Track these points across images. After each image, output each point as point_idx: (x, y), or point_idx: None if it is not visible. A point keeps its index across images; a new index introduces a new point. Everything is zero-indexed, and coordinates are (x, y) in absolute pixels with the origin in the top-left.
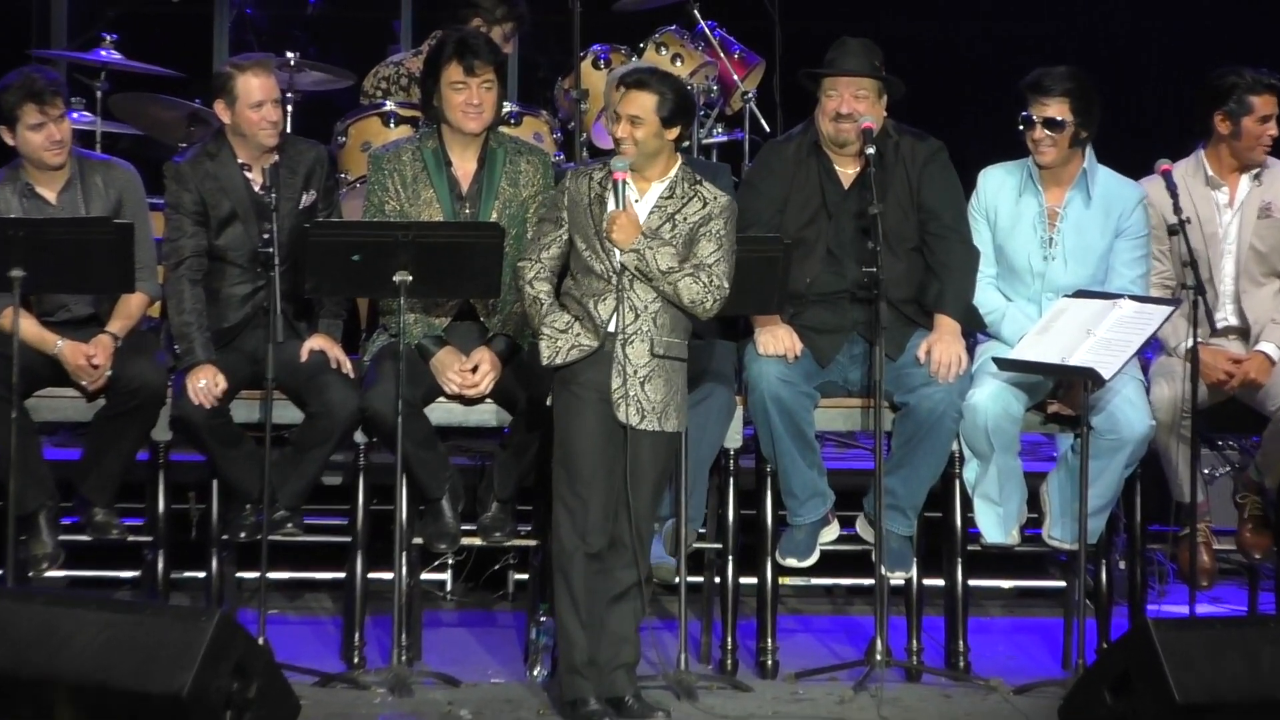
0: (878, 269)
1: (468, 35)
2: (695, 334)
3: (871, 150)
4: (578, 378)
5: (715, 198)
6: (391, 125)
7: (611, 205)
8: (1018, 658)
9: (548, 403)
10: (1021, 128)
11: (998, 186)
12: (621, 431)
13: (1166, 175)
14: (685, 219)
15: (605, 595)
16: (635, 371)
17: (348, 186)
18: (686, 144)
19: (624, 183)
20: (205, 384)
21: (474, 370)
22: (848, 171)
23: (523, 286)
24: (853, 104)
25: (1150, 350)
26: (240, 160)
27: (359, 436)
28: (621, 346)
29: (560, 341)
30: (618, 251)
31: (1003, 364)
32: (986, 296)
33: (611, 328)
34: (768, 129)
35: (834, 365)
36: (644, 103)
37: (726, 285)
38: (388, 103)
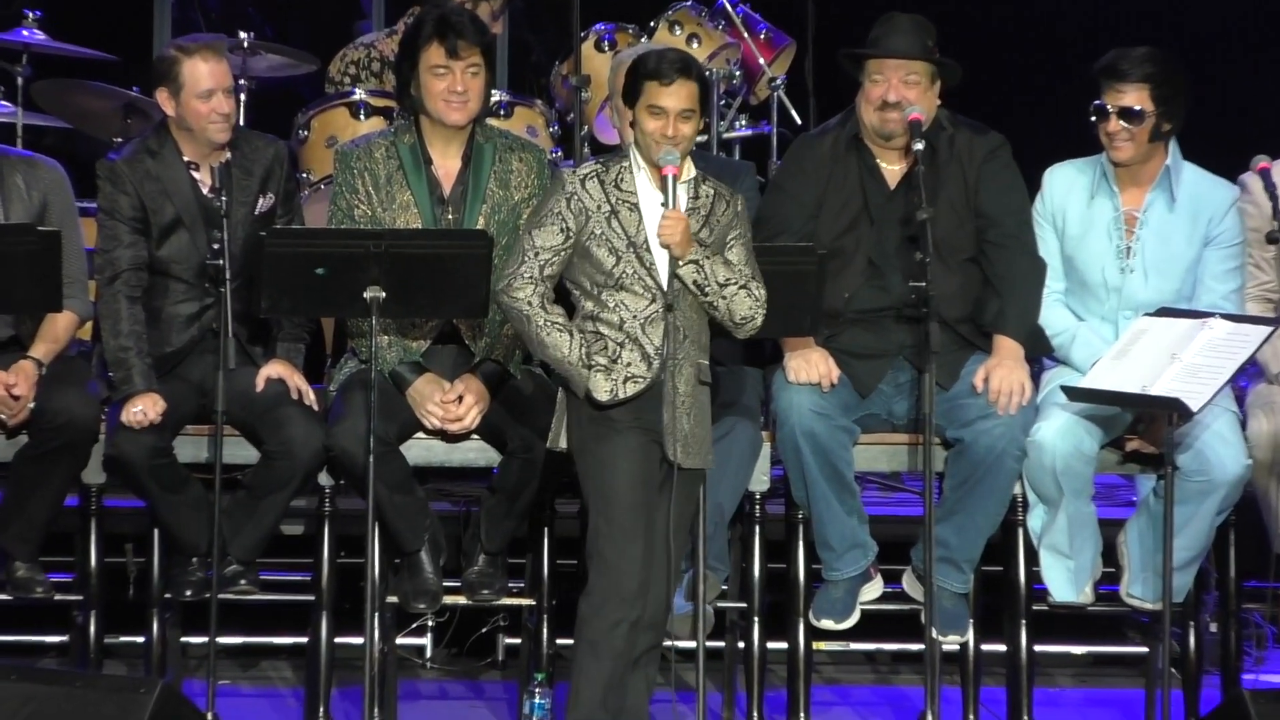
0: (927, 283)
1: (450, 12)
2: (716, 359)
3: (921, 145)
4: (620, 414)
5: (733, 195)
6: (361, 117)
7: (649, 212)
8: None
9: (560, 443)
10: (1094, 119)
11: (1067, 188)
12: (659, 473)
13: (1265, 174)
14: (718, 221)
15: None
16: (683, 402)
17: (311, 188)
18: (705, 138)
19: (675, 179)
20: (141, 410)
21: (457, 402)
22: (894, 169)
23: (530, 315)
24: (901, 91)
25: (1246, 377)
26: (186, 158)
27: (324, 479)
28: (671, 374)
29: (614, 373)
30: (664, 263)
31: (1073, 394)
32: (1054, 315)
33: (666, 353)
34: (799, 122)
35: (876, 395)
36: (694, 94)
37: (766, 298)
38: (357, 91)
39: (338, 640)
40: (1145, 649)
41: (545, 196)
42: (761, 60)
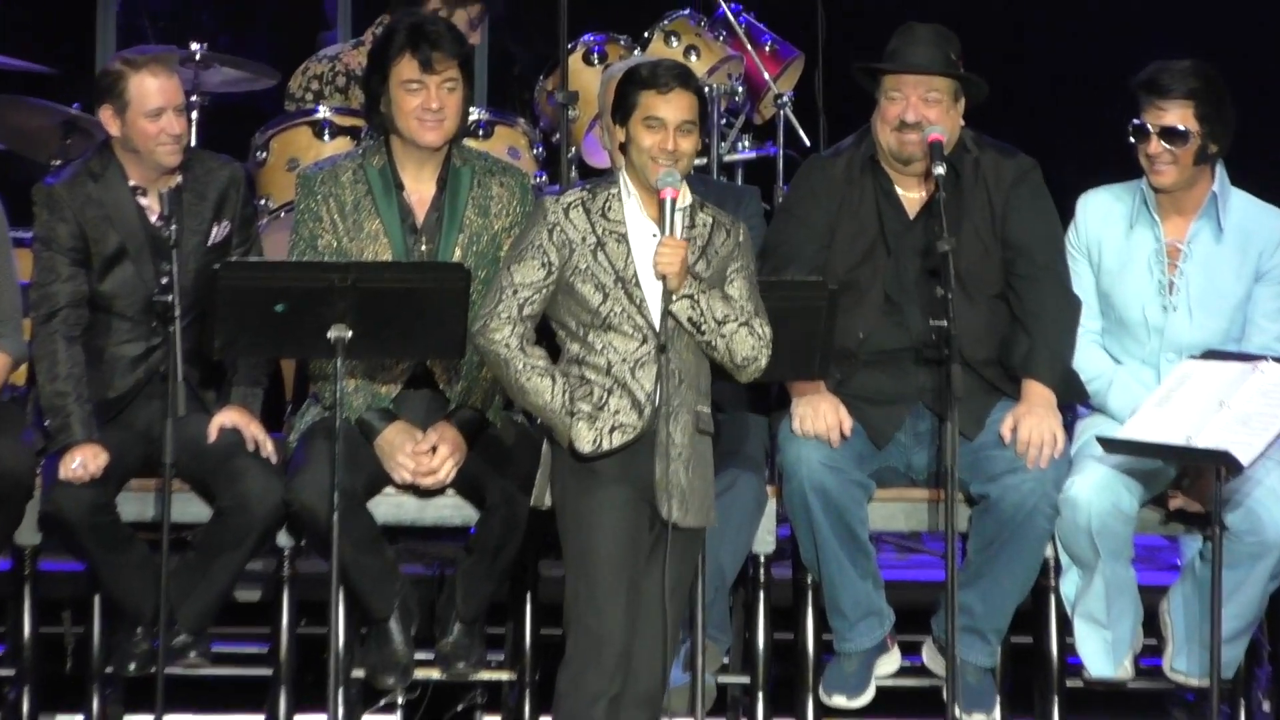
0: (949, 321)
1: (424, 21)
2: (716, 405)
3: (943, 169)
4: (604, 465)
5: (734, 223)
6: (326, 137)
7: (638, 243)
8: None
9: (545, 500)
10: (1133, 139)
11: (1103, 216)
12: (650, 532)
13: None
14: (716, 252)
15: None
16: (680, 453)
17: (270, 216)
18: (704, 161)
19: (674, 204)
20: (81, 462)
21: (431, 453)
22: (913, 196)
23: (508, 358)
24: (921, 109)
25: None
26: (132, 182)
27: (283, 538)
28: (665, 423)
29: (599, 422)
30: (656, 300)
31: (1111, 445)
32: (1090, 357)
33: (657, 399)
34: (808, 142)
35: (894, 446)
36: (695, 106)
37: (770, 337)
38: (320, 108)
39: (298, 718)
40: None
41: (526, 227)
42: (766, 75)
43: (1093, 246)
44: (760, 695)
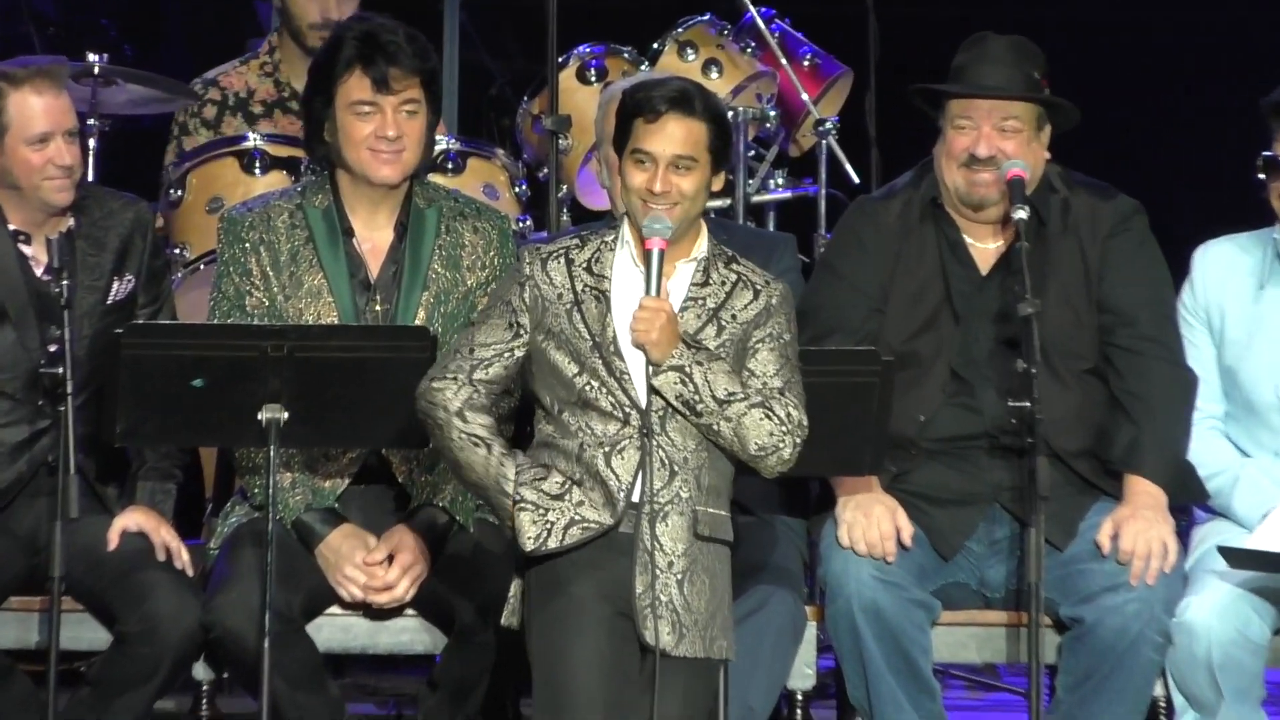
0: (1033, 403)
1: (377, 29)
2: (741, 506)
3: (1025, 214)
4: (575, 574)
5: (768, 283)
6: (257, 171)
7: (620, 302)
8: None
9: (510, 618)
10: (1262, 175)
11: (1225, 273)
12: (641, 658)
13: None
14: (734, 317)
15: None
16: (671, 564)
17: (187, 269)
18: (727, 202)
19: (661, 256)
20: None
21: (387, 564)
22: (986, 247)
23: (443, 422)
24: (996, 141)
25: None
26: (12, 227)
27: (200, 670)
28: (649, 524)
29: (553, 514)
30: (643, 370)
31: (1235, 557)
32: (1209, 449)
33: (635, 494)
34: (856, 180)
35: (963, 557)
36: (697, 135)
37: (806, 421)
38: (250, 136)
39: None
40: None
41: (501, 282)
42: (805, 96)
43: (1213, 311)
44: None
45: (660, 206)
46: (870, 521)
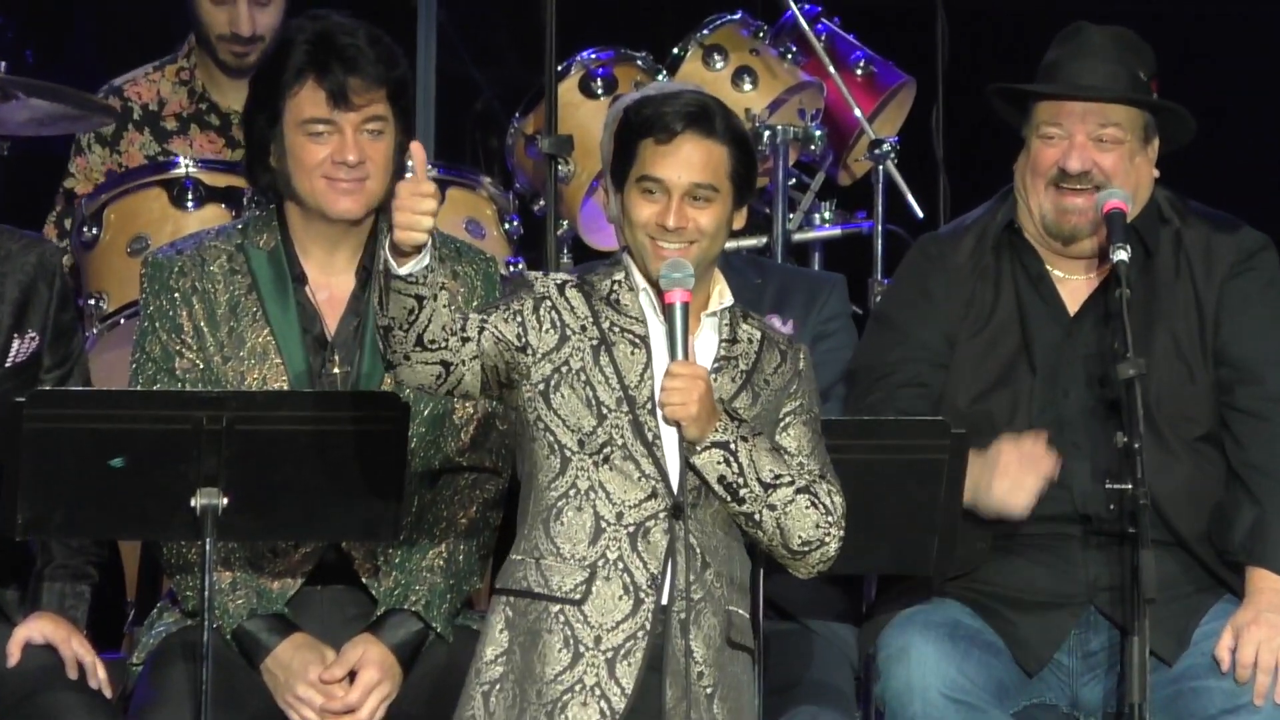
0: (1136, 485)
1: (333, 29)
2: (780, 609)
3: (1126, 255)
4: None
5: (790, 344)
6: (189, 204)
7: (660, 355)
8: None
9: None
10: None
11: None
12: None
13: None
14: (767, 382)
15: None
16: (700, 675)
17: (103, 323)
18: (763, 240)
19: (686, 310)
20: None
21: (349, 681)
22: (1076, 282)
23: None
24: (1092, 153)
25: None
26: None
27: None
28: (680, 628)
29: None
30: (676, 445)
31: None
32: None
33: (664, 593)
34: (919, 214)
35: (1052, 672)
36: (717, 159)
37: (844, 511)
38: (180, 160)
39: None
40: None
41: (501, 295)
42: (859, 112)
43: None
44: None
45: (673, 246)
46: (1020, 480)
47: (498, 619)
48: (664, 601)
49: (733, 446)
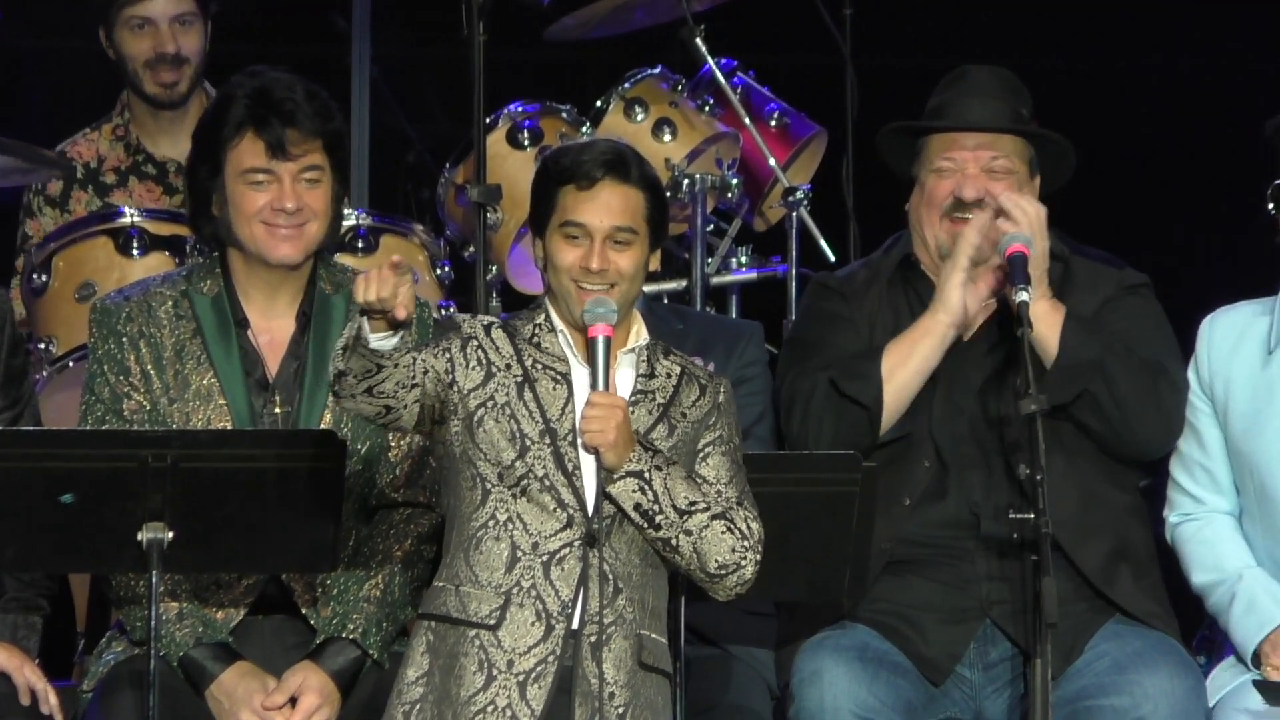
0: (1039, 511)
1: (272, 84)
2: (699, 634)
3: (1028, 297)
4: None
5: (711, 378)
6: (135, 252)
7: (581, 390)
8: None
9: None
10: (1272, 207)
11: (1232, 345)
12: None
13: None
14: (684, 415)
15: None
16: (611, 695)
17: (52, 367)
18: (682, 284)
19: (608, 344)
20: None
21: (290, 706)
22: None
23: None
24: (984, 182)
25: None
26: None
27: None
28: (590, 651)
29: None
30: (592, 475)
31: (1272, 693)
32: (1213, 549)
33: (575, 618)
34: (832, 257)
35: (955, 686)
36: (635, 204)
37: (763, 536)
38: (125, 211)
39: None
40: None
41: (434, 338)
42: (773, 161)
43: (1218, 384)
44: None
45: (597, 287)
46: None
47: (419, 642)
48: (574, 626)
49: (647, 475)
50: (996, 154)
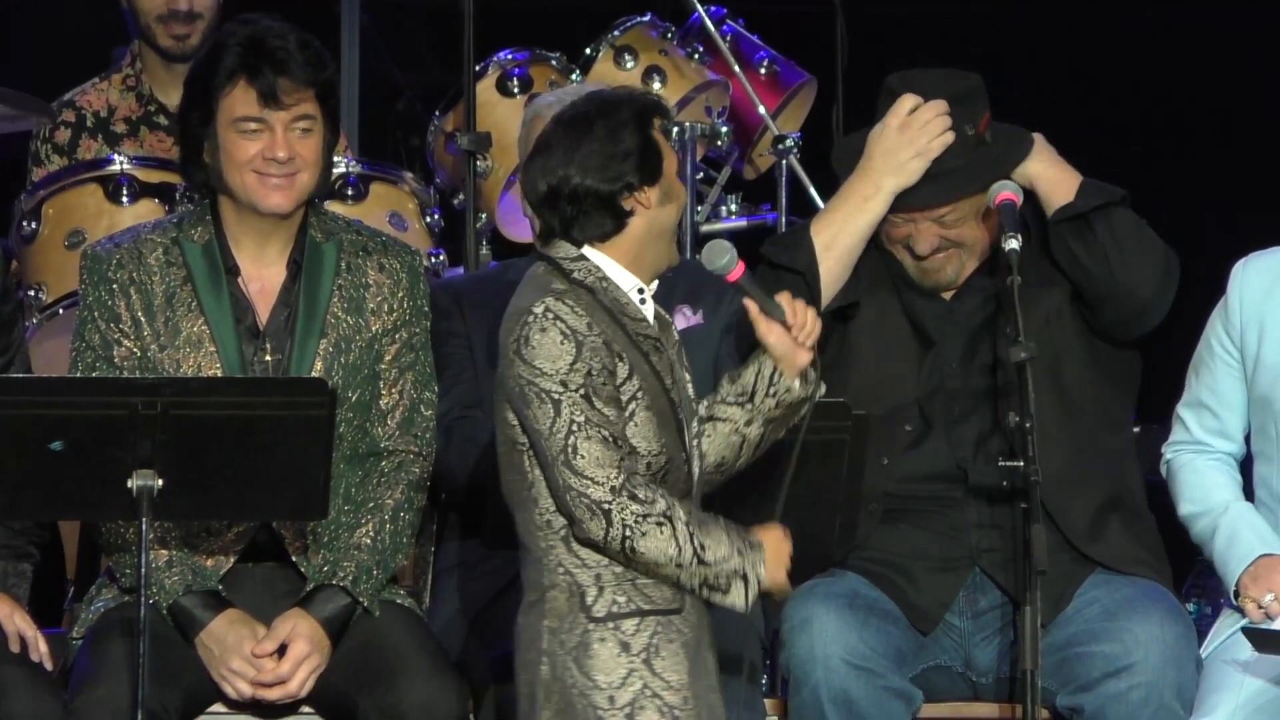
0: (1029, 459)
1: (265, 33)
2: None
3: (1016, 244)
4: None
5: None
6: (124, 199)
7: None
8: None
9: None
10: None
11: (1264, 291)
12: None
13: None
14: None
15: None
16: None
17: (42, 314)
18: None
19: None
20: None
21: (280, 654)
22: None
23: (674, 517)
24: (938, 232)
25: None
26: None
27: None
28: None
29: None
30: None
31: (1262, 640)
32: (1203, 483)
33: None
34: (822, 206)
35: (945, 634)
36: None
37: None
38: (115, 158)
39: None
40: None
41: (517, 361)
42: (762, 109)
43: (1248, 331)
44: None
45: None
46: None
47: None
48: None
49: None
50: (945, 213)
